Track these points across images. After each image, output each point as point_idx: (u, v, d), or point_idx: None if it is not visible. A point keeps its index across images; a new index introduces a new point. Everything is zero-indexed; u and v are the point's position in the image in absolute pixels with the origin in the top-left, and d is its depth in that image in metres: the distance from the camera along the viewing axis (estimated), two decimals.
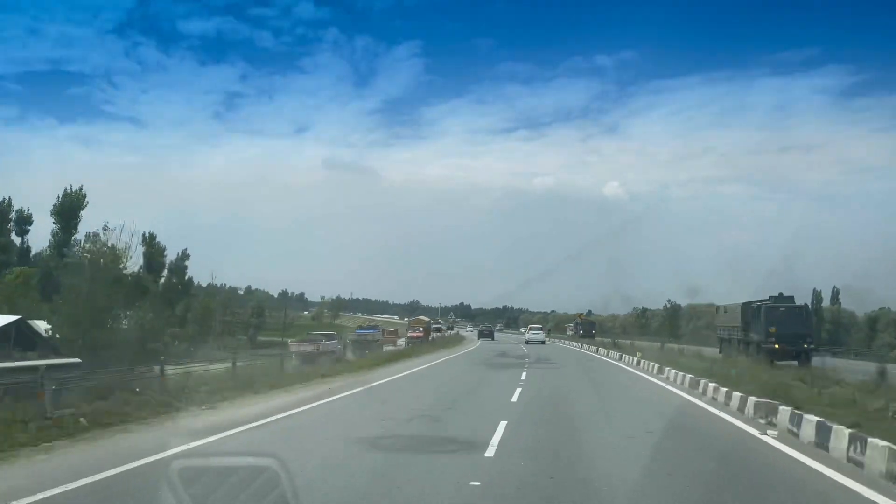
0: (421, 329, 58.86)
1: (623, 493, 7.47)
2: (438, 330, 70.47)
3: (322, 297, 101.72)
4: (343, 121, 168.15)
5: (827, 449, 9.60)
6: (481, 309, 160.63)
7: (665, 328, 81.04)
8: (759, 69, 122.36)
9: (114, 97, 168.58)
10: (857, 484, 7.86)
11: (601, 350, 43.49)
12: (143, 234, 60.33)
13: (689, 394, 18.33)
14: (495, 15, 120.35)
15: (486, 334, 72.40)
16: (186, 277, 68.74)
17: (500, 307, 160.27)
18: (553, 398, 17.27)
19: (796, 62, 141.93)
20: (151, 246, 61.49)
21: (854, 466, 8.69)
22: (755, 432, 11.67)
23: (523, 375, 23.73)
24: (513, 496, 7.33)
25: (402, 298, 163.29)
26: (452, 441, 10.40)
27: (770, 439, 11.00)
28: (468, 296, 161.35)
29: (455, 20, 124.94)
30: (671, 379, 22.15)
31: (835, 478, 8.25)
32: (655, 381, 22.88)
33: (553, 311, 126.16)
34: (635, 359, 30.73)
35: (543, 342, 56.60)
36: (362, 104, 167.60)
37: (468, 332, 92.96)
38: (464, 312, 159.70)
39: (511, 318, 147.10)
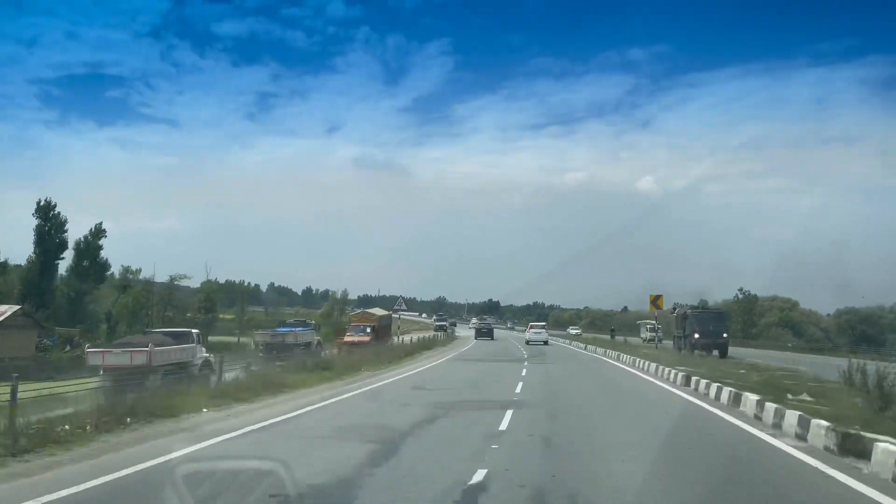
0: (369, 329, 40.07)
1: None
2: (443, 328, 66.88)
3: (331, 293, 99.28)
4: (374, 120, 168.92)
5: (716, 398, 15.64)
6: (511, 306, 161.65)
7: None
8: (798, 60, 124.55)
9: (150, 99, 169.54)
10: (732, 418, 12.66)
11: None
12: (38, 202, 49.99)
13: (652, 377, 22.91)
14: (526, 10, 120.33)
15: (483, 333, 61.49)
16: (101, 260, 55.19)
17: (531, 303, 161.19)
18: None
19: (836, 52, 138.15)
20: (47, 219, 50.07)
21: (733, 407, 14.01)
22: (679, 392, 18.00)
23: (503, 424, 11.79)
24: None
25: (430, 295, 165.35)
26: None
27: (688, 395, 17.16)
28: (497, 292, 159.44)
29: (486, 16, 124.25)
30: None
31: (717, 412, 13.68)
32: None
33: (586, 308, 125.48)
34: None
35: (546, 342, 50.09)
36: (393, 102, 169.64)
37: (471, 327, 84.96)
38: (492, 309, 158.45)
39: (541, 314, 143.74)
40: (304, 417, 12.57)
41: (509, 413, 12.76)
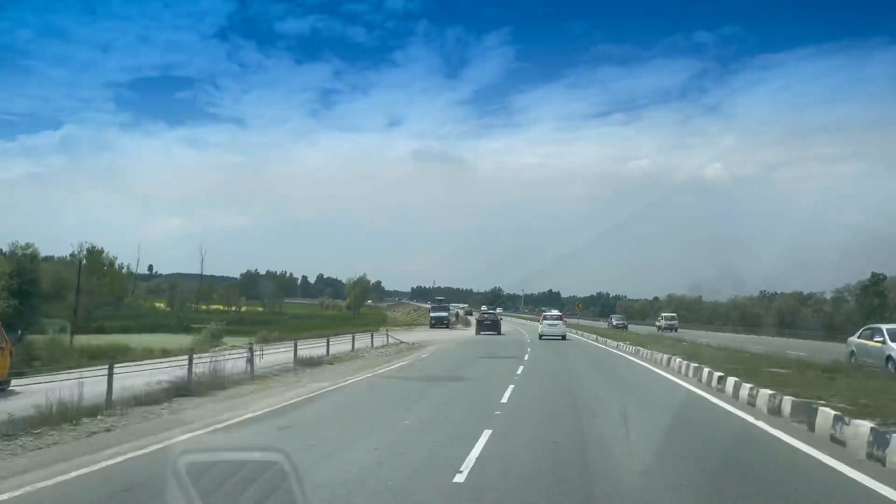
0: None
1: None
2: (443, 322, 57.51)
3: (348, 279, 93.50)
4: (433, 113, 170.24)
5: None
6: (573, 296, 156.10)
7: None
8: (878, 38, 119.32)
9: (217, 99, 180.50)
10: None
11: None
12: None
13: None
14: None
15: (487, 326, 47.95)
16: None
17: (594, 294, 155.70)
18: None
19: None
20: None
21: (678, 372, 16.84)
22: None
23: None
24: None
25: (486, 287, 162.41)
26: None
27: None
28: (558, 283, 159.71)
29: (546, 4, 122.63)
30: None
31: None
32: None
33: (656, 298, 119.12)
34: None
35: (564, 337, 39.67)
36: (453, 95, 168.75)
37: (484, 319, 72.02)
38: (552, 300, 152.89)
39: (607, 305, 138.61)
40: None
41: None
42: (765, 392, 11.30)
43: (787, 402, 10.37)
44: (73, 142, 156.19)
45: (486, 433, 8.72)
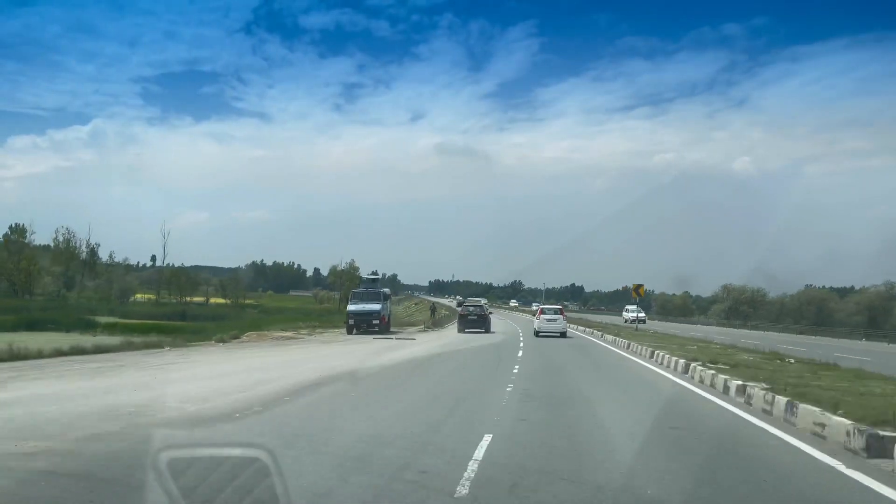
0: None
1: None
2: (367, 320, 34.43)
3: (331, 267, 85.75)
4: (457, 107, 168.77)
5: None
6: (597, 291, 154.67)
7: None
8: None
9: (243, 94, 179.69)
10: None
11: None
12: None
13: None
14: None
15: (472, 322, 36.17)
16: None
17: (619, 288, 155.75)
18: None
19: None
20: None
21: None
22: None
23: None
24: None
25: (506, 281, 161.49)
26: None
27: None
28: (581, 277, 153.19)
29: None
30: None
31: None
32: None
33: (686, 293, 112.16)
34: None
35: (564, 334, 33.38)
36: (476, 88, 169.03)
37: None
38: (575, 294, 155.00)
39: (637, 301, 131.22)
40: None
41: None
42: None
43: None
44: (101, 136, 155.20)
45: None
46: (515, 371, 16.55)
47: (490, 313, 40.79)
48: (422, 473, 6.10)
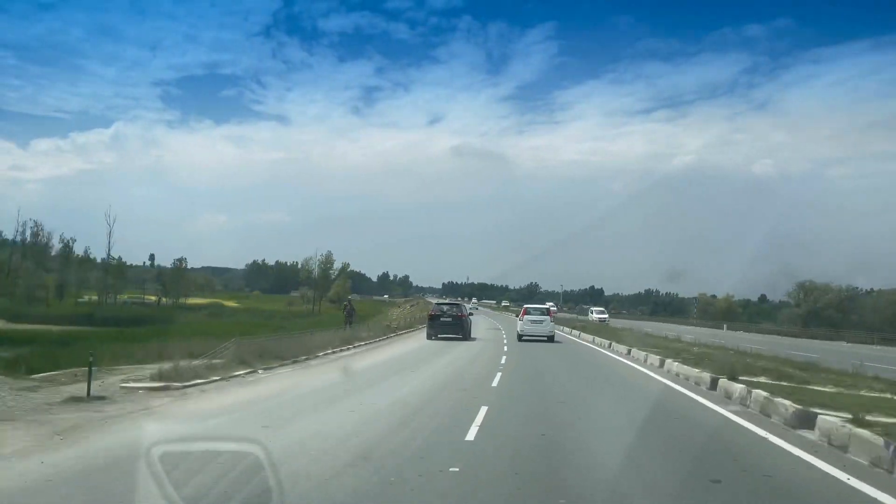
0: None
1: None
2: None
3: (304, 260, 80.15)
4: (475, 110, 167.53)
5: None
6: (617, 294, 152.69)
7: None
8: None
9: (262, 97, 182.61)
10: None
11: None
12: None
13: None
14: None
15: (446, 326, 29.02)
16: None
17: (641, 291, 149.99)
18: None
19: None
20: None
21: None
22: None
23: None
24: None
25: (523, 283, 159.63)
26: None
27: None
28: (601, 279, 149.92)
29: None
30: None
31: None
32: None
33: (714, 296, 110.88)
34: None
35: (551, 338, 29.55)
36: (495, 91, 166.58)
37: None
38: (594, 297, 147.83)
39: (658, 303, 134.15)
40: None
41: None
42: None
43: None
44: (123, 139, 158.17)
45: None
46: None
47: (471, 314, 32.82)
48: None
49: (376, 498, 5.83)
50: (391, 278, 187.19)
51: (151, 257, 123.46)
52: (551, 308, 40.18)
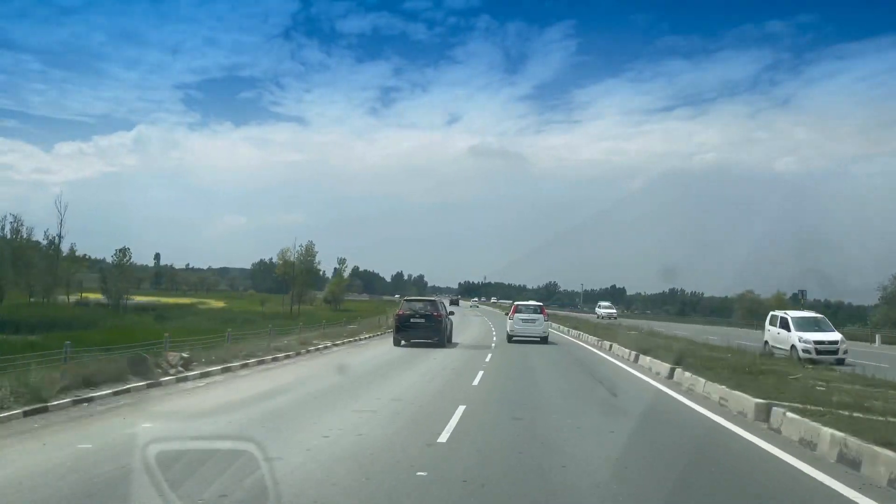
0: None
1: None
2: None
3: (280, 251, 75.91)
4: (493, 109, 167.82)
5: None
6: (639, 294, 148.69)
7: None
8: None
9: (281, 99, 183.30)
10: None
11: None
12: None
13: None
14: None
15: (416, 329, 23.62)
16: None
17: (665, 291, 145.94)
18: None
19: None
20: None
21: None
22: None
23: None
24: None
25: (541, 282, 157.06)
26: None
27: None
28: (622, 279, 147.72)
29: None
30: None
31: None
32: None
33: (780, 294, 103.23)
34: None
35: (545, 339, 26.95)
36: (513, 90, 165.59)
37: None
38: (615, 296, 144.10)
39: (686, 302, 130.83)
40: None
41: None
42: None
43: None
44: (145, 142, 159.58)
45: None
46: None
47: (451, 314, 26.93)
48: None
49: None
50: (405, 278, 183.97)
51: (157, 257, 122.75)
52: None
